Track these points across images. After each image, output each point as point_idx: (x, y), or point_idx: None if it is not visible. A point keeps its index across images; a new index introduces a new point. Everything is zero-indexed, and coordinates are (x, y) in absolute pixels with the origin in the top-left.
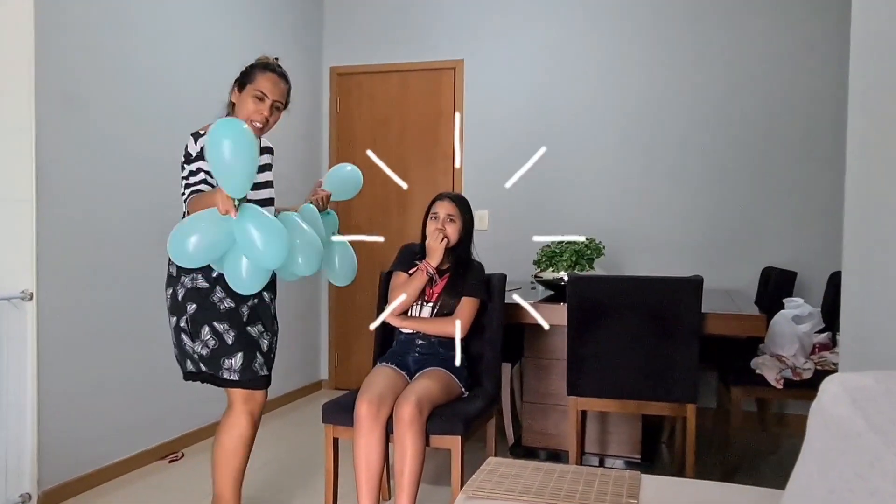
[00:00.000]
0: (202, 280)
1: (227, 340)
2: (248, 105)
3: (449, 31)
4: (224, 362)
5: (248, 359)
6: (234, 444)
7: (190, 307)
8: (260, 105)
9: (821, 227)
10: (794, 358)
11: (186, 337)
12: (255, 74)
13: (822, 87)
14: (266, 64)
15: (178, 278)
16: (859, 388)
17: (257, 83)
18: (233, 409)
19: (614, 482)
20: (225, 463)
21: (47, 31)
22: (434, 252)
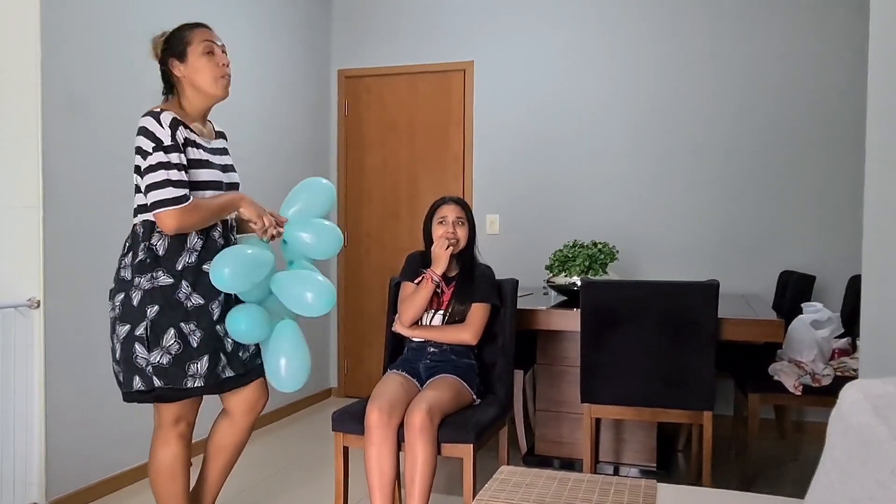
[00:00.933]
0: (165, 276)
1: (192, 343)
2: (205, 63)
3: (458, 32)
4: (189, 368)
5: (214, 362)
6: (168, 467)
7: (151, 310)
8: (215, 57)
9: (840, 231)
10: (813, 364)
11: (141, 347)
12: (187, 35)
13: (840, 89)
14: (192, 23)
15: (131, 281)
16: (881, 394)
17: (199, 38)
18: (160, 432)
19: (630, 491)
20: (162, 489)
21: (53, 38)
22: (440, 259)
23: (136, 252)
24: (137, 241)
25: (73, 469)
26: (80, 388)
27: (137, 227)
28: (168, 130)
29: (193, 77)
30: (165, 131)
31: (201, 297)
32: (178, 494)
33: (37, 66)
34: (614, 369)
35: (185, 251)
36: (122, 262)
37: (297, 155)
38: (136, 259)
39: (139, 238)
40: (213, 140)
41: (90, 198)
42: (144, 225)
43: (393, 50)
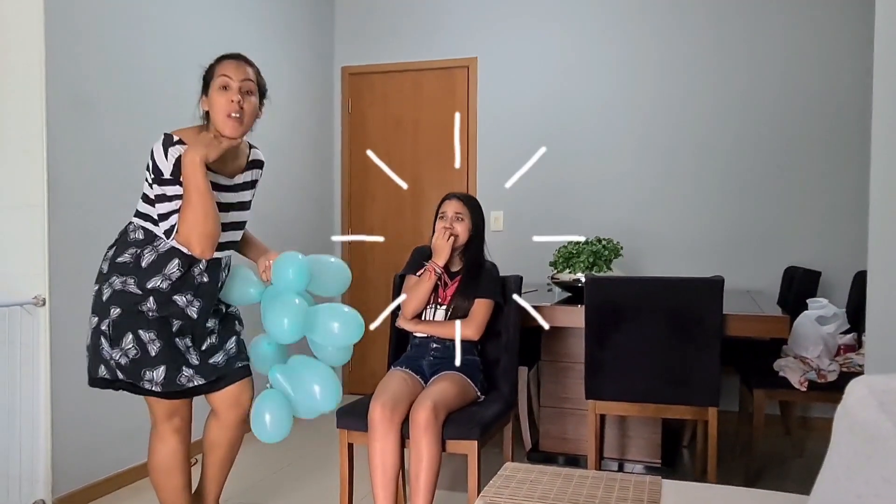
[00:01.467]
0: (133, 286)
1: (151, 351)
2: (218, 100)
3: (462, 29)
4: (145, 374)
5: (172, 373)
6: (166, 463)
7: (114, 311)
8: (228, 93)
9: (845, 226)
10: (819, 360)
11: (105, 342)
12: (212, 69)
13: (846, 84)
14: (221, 56)
15: (107, 276)
16: (886, 390)
17: (218, 72)
18: (156, 428)
19: (635, 487)
20: (161, 485)
21: (57, 37)
22: (440, 250)
23: (122, 251)
24: (127, 241)
25: (79, 466)
26: (85, 386)
27: (134, 229)
28: (170, 165)
29: (212, 114)
30: (167, 164)
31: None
32: (178, 489)
33: (41, 64)
34: (619, 366)
35: (159, 275)
36: (107, 254)
37: (301, 152)
38: (119, 258)
39: (132, 240)
40: (236, 175)
41: (95, 196)
42: (144, 232)
43: (396, 47)
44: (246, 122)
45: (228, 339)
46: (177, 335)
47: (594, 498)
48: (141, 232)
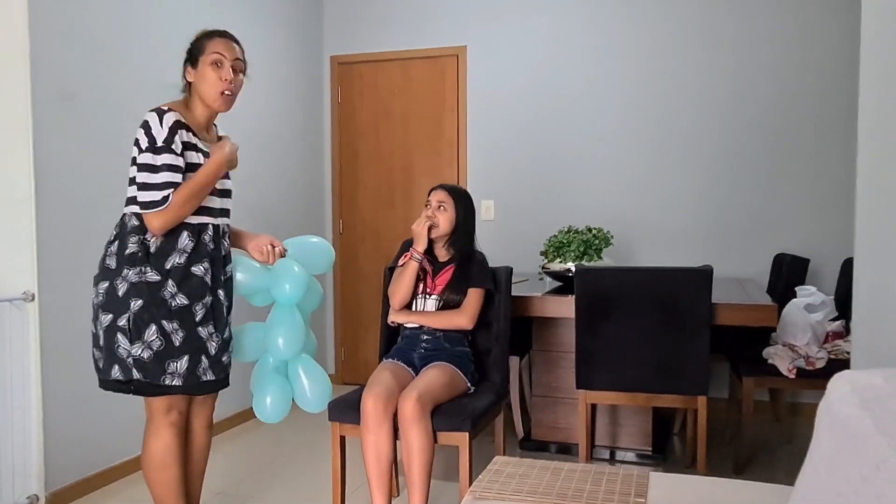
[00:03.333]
0: (152, 273)
1: (175, 342)
2: (209, 75)
3: (451, 17)
4: (168, 366)
5: (194, 363)
6: (160, 458)
7: (134, 303)
8: (221, 70)
9: (833, 213)
10: (807, 347)
11: (123, 338)
12: (203, 44)
13: (834, 72)
14: (211, 31)
15: (117, 271)
16: (868, 387)
17: (210, 48)
18: (152, 422)
19: (622, 480)
20: (155, 480)
21: (43, 29)
22: (419, 237)
23: (125, 242)
24: (127, 231)
25: (71, 460)
26: (76, 380)
27: (129, 217)
28: (165, 131)
29: (199, 86)
30: (163, 131)
31: (186, 297)
32: (171, 484)
33: (25, 57)
34: (609, 355)
35: (175, 251)
36: (109, 249)
37: (290, 143)
38: (126, 250)
39: (131, 229)
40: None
41: (83, 190)
42: (139, 217)
43: (385, 36)
44: (233, 99)
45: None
46: (200, 324)
47: (582, 491)
48: (135, 219)
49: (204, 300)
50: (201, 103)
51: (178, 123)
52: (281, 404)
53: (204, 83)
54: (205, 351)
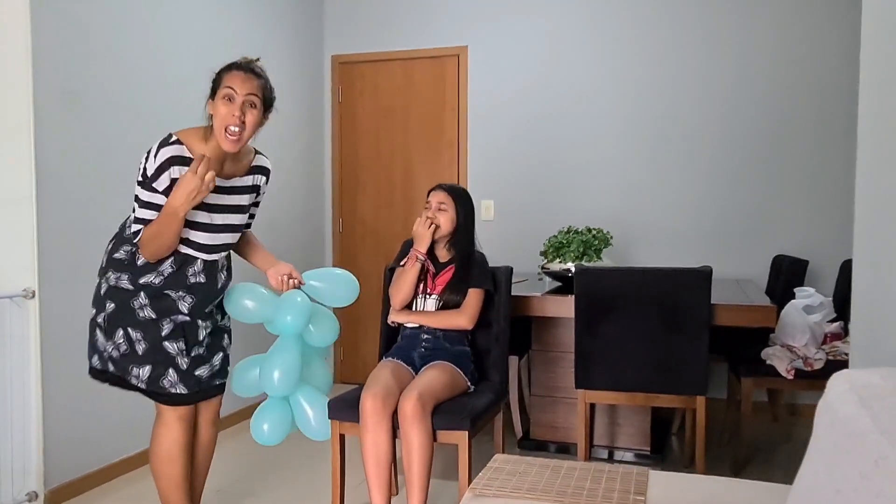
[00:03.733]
0: (126, 282)
1: (138, 350)
2: (220, 110)
3: (452, 18)
4: (132, 370)
5: (157, 373)
6: (168, 451)
7: (109, 305)
8: (231, 105)
9: (832, 215)
10: (806, 348)
11: (100, 333)
12: (221, 77)
13: (834, 74)
14: (232, 63)
15: (105, 271)
16: (866, 385)
17: (225, 82)
18: (162, 416)
19: (622, 479)
20: (161, 473)
21: (45, 28)
22: (420, 237)
23: (119, 246)
24: (123, 238)
25: (70, 458)
26: (76, 378)
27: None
28: (155, 167)
29: (214, 120)
30: (153, 165)
31: (154, 312)
32: (177, 478)
33: (28, 57)
34: (608, 355)
35: (153, 272)
36: (107, 247)
37: (291, 142)
38: (116, 254)
39: (127, 237)
40: (237, 178)
41: (84, 189)
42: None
43: (386, 36)
44: (245, 135)
45: (216, 354)
46: (166, 339)
47: (582, 489)
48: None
49: (173, 317)
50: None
51: (171, 160)
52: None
53: (216, 117)
54: (172, 364)
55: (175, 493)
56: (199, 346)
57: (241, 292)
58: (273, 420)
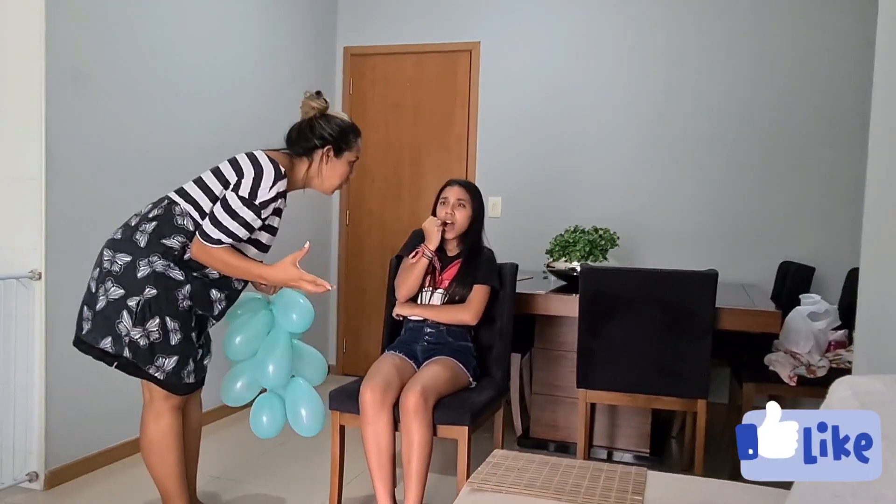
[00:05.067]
0: (178, 272)
1: (171, 340)
2: (344, 172)
3: (465, 13)
4: (157, 359)
5: (181, 365)
6: (162, 439)
7: (149, 290)
8: (349, 171)
9: (840, 223)
10: (809, 355)
11: (128, 317)
12: (353, 141)
13: (845, 83)
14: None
15: (145, 252)
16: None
17: (356, 149)
18: (153, 405)
19: (620, 478)
20: (157, 462)
21: (57, 10)
22: (431, 235)
23: (167, 232)
24: (175, 226)
25: (72, 439)
26: (80, 360)
27: (185, 215)
28: (271, 195)
29: (327, 173)
30: (268, 194)
31: (191, 304)
32: (173, 466)
33: (41, 38)
34: (611, 355)
35: (203, 273)
36: (143, 226)
37: None
38: (165, 240)
39: (179, 226)
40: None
41: (92, 170)
42: (193, 222)
43: (399, 29)
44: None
45: (209, 340)
46: (193, 330)
47: (580, 487)
48: (189, 221)
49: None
50: (310, 180)
51: (282, 193)
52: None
53: (333, 175)
54: (193, 356)
55: (174, 482)
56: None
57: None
58: (272, 413)
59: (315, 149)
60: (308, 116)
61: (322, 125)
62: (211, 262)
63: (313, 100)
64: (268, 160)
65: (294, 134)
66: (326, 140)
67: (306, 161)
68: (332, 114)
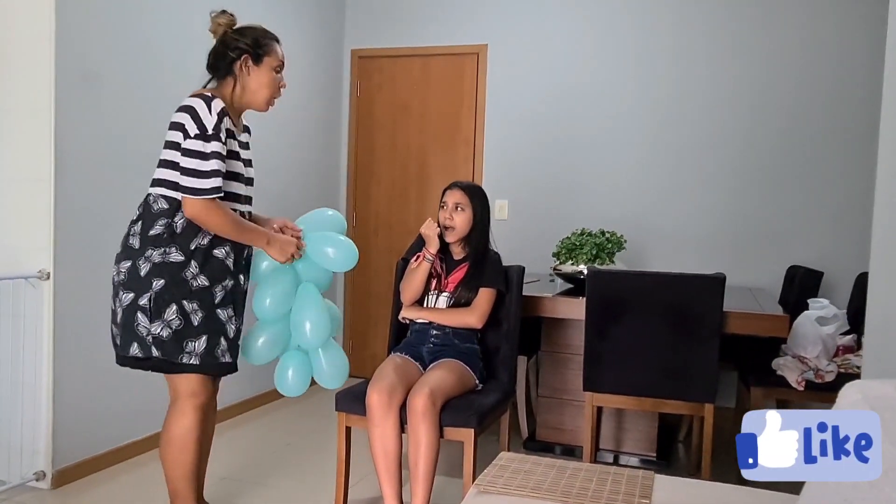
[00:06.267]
0: (176, 253)
1: (193, 322)
2: (270, 80)
3: (472, 15)
4: (187, 345)
5: (212, 343)
6: (182, 438)
7: (156, 283)
8: (278, 77)
9: (849, 227)
10: (817, 360)
11: (143, 317)
12: (272, 46)
13: (855, 87)
14: (273, 34)
15: (140, 251)
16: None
17: (277, 54)
18: (178, 403)
19: (627, 481)
20: (173, 460)
21: (67, 11)
22: (429, 239)
23: (150, 224)
24: (154, 213)
25: (79, 439)
26: (88, 359)
27: (157, 199)
28: (215, 118)
29: (252, 84)
30: (212, 119)
31: (207, 279)
32: (188, 466)
33: (51, 39)
34: (617, 358)
35: (200, 232)
36: (132, 229)
37: (308, 134)
38: (151, 231)
39: (158, 211)
40: (241, 133)
41: (101, 171)
42: (168, 201)
43: (406, 31)
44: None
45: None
46: (219, 306)
47: (587, 490)
48: (163, 201)
49: (224, 283)
50: (243, 97)
51: (224, 111)
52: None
53: (262, 87)
54: (224, 333)
55: (185, 482)
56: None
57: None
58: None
59: (234, 62)
60: (219, 35)
61: (234, 37)
62: (209, 221)
63: (220, 17)
64: (193, 97)
65: (211, 58)
66: (242, 49)
67: (231, 80)
68: (242, 25)
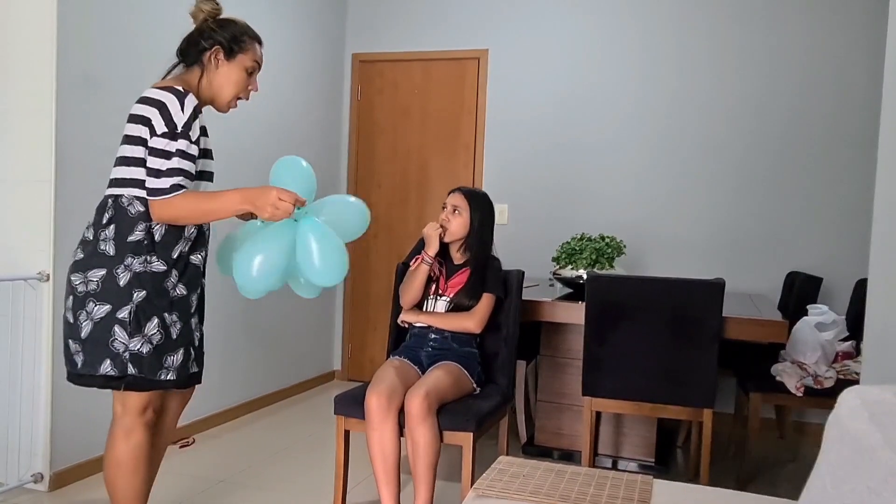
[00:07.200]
0: (158, 262)
1: (173, 335)
2: (241, 80)
3: (474, 20)
4: (165, 360)
5: (186, 355)
6: (130, 459)
7: (137, 294)
8: (250, 79)
9: (849, 233)
10: (816, 366)
11: (122, 332)
12: (248, 44)
13: (856, 93)
14: (254, 32)
15: (117, 259)
16: (878, 401)
17: (253, 53)
18: (124, 419)
19: (626, 486)
20: (123, 484)
21: (69, 14)
22: (430, 240)
23: (127, 229)
24: (130, 217)
25: (77, 441)
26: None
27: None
28: (186, 116)
29: (219, 79)
30: (183, 116)
31: (185, 287)
32: (137, 488)
33: (52, 41)
34: (616, 363)
35: (181, 240)
36: (102, 233)
37: (309, 138)
38: (130, 237)
39: (136, 215)
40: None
41: (102, 173)
42: (144, 203)
43: (408, 36)
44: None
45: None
46: (193, 315)
47: (585, 495)
48: (139, 203)
49: (198, 291)
50: (207, 91)
51: (197, 109)
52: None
53: (228, 84)
54: (192, 343)
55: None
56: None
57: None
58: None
59: (204, 51)
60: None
61: (212, 27)
62: (179, 214)
63: (204, 3)
64: (160, 90)
65: (184, 43)
66: (215, 41)
67: (198, 70)
68: (226, 17)
